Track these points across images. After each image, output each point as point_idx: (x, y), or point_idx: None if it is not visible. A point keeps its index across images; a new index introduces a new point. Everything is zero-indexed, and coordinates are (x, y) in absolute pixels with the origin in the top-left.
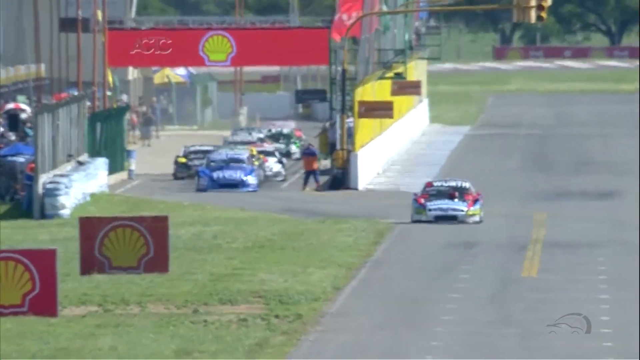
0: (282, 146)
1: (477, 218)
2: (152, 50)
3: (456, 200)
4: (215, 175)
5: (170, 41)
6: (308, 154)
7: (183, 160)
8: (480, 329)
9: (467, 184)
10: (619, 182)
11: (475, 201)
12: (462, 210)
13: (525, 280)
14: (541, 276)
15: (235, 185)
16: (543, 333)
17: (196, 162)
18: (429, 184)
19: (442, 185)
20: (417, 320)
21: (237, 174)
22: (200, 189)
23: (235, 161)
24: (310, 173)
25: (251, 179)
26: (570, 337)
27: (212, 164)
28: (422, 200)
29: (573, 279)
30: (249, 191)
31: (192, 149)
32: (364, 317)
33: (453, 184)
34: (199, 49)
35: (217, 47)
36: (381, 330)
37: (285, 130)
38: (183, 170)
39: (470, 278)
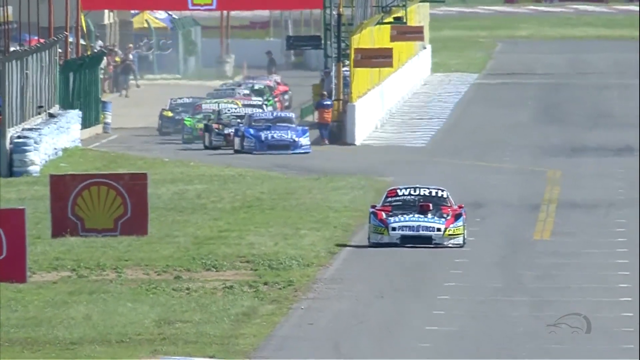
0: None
1: (459, 240)
2: None
3: (430, 215)
4: (263, 135)
5: None
6: (322, 104)
7: (169, 113)
8: (487, 296)
9: (444, 193)
10: (638, 136)
11: (456, 217)
12: (439, 229)
13: (538, 243)
14: (555, 239)
15: (287, 146)
16: (556, 301)
17: (182, 115)
18: (392, 192)
19: (409, 194)
20: (419, 287)
21: (288, 135)
22: (245, 151)
23: (281, 120)
24: (322, 126)
25: (304, 140)
26: (586, 307)
27: (255, 123)
28: (384, 215)
29: (589, 242)
30: (300, 153)
31: (179, 101)
32: (362, 283)
33: (424, 192)
34: None
35: None
36: (380, 299)
37: (257, 86)
38: (169, 125)
39: (477, 241)
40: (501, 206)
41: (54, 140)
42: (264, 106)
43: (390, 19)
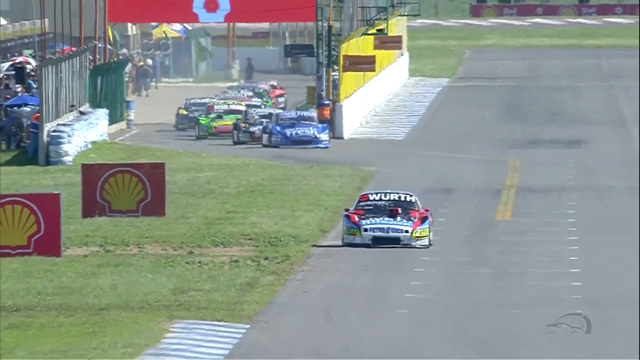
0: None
1: (425, 241)
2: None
3: (399, 218)
4: (288, 132)
5: None
6: (322, 104)
7: (184, 112)
8: (456, 269)
9: (412, 198)
10: (587, 131)
11: (423, 220)
12: (407, 231)
13: (500, 223)
14: (514, 219)
15: (309, 141)
16: (516, 273)
17: (195, 114)
18: (364, 197)
19: (380, 199)
20: (398, 261)
21: (310, 131)
22: (272, 146)
23: (304, 119)
24: (322, 122)
25: (324, 136)
26: (541, 278)
27: (281, 121)
28: (356, 218)
29: (544, 222)
30: (321, 147)
31: (192, 101)
32: (349, 258)
33: (394, 197)
34: (193, 6)
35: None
36: (365, 271)
37: (257, 90)
38: (184, 122)
39: (447, 222)
40: (468, 191)
41: (85, 134)
42: (262, 106)
43: (374, 31)
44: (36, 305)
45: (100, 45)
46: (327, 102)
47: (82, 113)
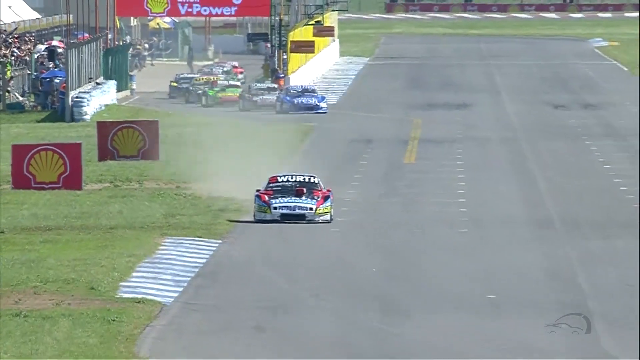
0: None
1: (327, 217)
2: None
3: (304, 197)
4: (295, 101)
5: None
6: (278, 76)
7: (175, 84)
8: (375, 198)
9: (315, 179)
10: (470, 97)
11: (325, 198)
12: (311, 209)
13: (407, 165)
14: (418, 162)
15: (312, 108)
16: (419, 202)
17: (184, 85)
18: (273, 179)
19: (287, 181)
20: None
21: (312, 100)
22: (283, 112)
23: (308, 91)
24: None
25: (323, 104)
26: (437, 205)
27: (290, 92)
28: (266, 198)
29: (439, 164)
30: (320, 113)
31: (181, 76)
32: None
33: (300, 179)
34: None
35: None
36: None
37: (225, 69)
38: (175, 92)
39: (368, 164)
40: (383, 141)
41: (99, 99)
42: (227, 81)
43: (313, 22)
44: (63, 226)
45: (110, 34)
46: (282, 75)
47: (97, 84)
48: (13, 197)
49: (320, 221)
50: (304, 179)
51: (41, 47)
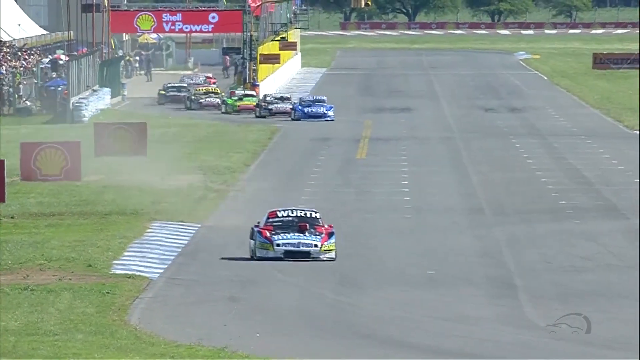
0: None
1: (332, 254)
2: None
3: (307, 233)
4: (306, 110)
5: (152, 16)
6: (254, 85)
7: (163, 92)
8: (332, 189)
9: (316, 214)
10: (414, 102)
11: (329, 235)
12: (316, 246)
13: (359, 160)
14: (368, 157)
15: (320, 116)
16: (369, 192)
17: (171, 94)
18: (272, 214)
19: (288, 216)
20: (294, 184)
21: (321, 109)
22: (294, 119)
23: (318, 101)
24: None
25: (330, 112)
26: (385, 194)
27: (303, 102)
28: (268, 234)
29: (386, 159)
30: (328, 120)
31: (169, 85)
32: (263, 182)
33: (300, 213)
34: (165, 23)
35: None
36: (272, 190)
37: (201, 80)
38: (163, 99)
39: (325, 159)
40: (339, 140)
41: (96, 104)
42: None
43: (279, 38)
44: (65, 212)
45: (105, 48)
46: (257, 83)
47: (94, 90)
48: (22, 187)
49: (324, 259)
50: (305, 213)
51: (46, 59)
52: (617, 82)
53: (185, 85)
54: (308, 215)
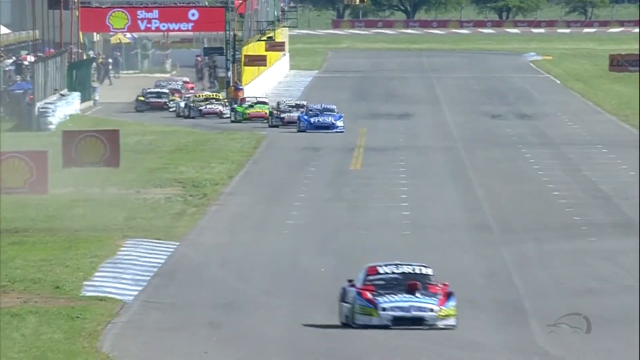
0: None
1: (452, 321)
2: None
3: (419, 294)
4: (312, 120)
5: (126, 13)
6: (237, 88)
7: (142, 98)
8: (322, 204)
9: (427, 270)
10: (413, 108)
11: (448, 296)
12: (432, 310)
13: (352, 171)
14: (363, 169)
15: (328, 127)
16: (363, 206)
17: (151, 100)
18: (372, 270)
19: (392, 272)
20: (281, 198)
21: (329, 119)
22: (300, 130)
23: (327, 110)
24: (235, 101)
25: (339, 123)
26: (381, 209)
27: (310, 111)
28: (369, 295)
29: (383, 170)
30: (337, 132)
31: (148, 90)
32: (247, 196)
33: (407, 269)
34: (139, 21)
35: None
36: (258, 204)
37: (178, 85)
38: (142, 105)
39: (316, 170)
40: (331, 149)
41: (64, 109)
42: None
43: (265, 38)
44: (30, 228)
45: (74, 48)
46: (241, 87)
47: (62, 95)
48: None
49: (442, 326)
50: (414, 269)
51: (9, 61)
52: (636, 86)
53: (167, 91)
54: (417, 271)
